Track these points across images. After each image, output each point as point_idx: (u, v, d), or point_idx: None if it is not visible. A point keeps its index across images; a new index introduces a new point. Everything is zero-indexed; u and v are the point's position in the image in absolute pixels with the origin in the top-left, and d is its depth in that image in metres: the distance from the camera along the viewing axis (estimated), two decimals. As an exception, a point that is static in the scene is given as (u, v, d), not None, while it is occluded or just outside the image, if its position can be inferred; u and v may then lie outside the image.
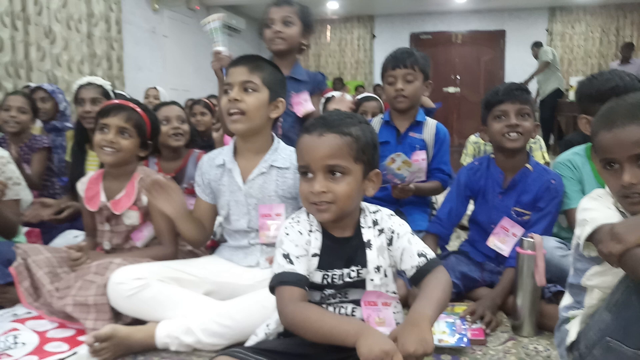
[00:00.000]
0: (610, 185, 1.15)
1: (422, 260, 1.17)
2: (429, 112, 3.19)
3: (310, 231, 1.20)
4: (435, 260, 1.19)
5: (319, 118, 1.21)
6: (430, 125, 2.27)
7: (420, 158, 2.17)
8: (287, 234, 1.18)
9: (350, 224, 1.21)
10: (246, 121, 1.61)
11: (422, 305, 1.05)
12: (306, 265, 1.16)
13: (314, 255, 1.18)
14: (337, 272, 1.18)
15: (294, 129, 2.18)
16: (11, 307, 1.73)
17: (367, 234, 1.20)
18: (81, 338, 1.52)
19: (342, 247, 1.19)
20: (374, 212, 1.24)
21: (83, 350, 1.43)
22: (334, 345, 1.12)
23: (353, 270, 1.18)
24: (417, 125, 2.25)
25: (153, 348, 1.46)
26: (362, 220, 1.22)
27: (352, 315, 1.20)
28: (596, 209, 1.15)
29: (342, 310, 1.20)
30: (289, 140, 1.82)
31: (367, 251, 1.18)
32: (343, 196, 1.13)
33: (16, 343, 1.49)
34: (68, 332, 1.58)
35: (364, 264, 1.18)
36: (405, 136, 2.25)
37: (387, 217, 1.23)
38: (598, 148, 1.15)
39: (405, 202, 2.20)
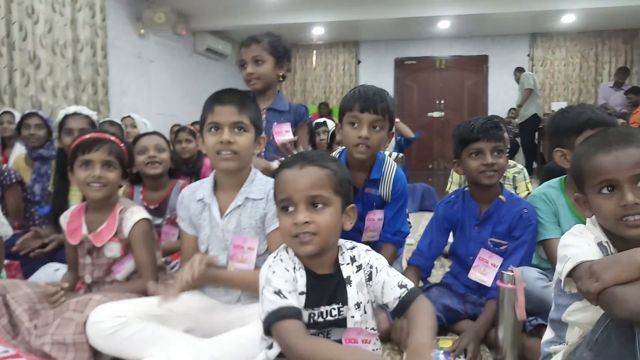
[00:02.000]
0: (605, 210, 1.14)
1: (404, 291, 1.20)
2: (408, 142, 3.22)
3: (295, 268, 1.19)
4: (416, 289, 1.23)
5: (296, 155, 1.25)
6: (388, 179, 1.98)
7: (376, 218, 1.99)
8: (274, 272, 1.18)
9: (330, 260, 1.22)
10: (238, 160, 1.62)
11: (419, 335, 1.09)
12: (297, 302, 1.16)
13: (301, 293, 1.18)
14: (323, 309, 1.18)
15: (276, 160, 2.20)
16: (-12, 345, 1.70)
17: (346, 270, 1.21)
18: (59, 378, 1.49)
19: (325, 284, 1.20)
20: (350, 249, 1.25)
21: (61, 391, 1.40)
22: None
23: (334, 308, 1.19)
24: (374, 182, 1.97)
25: (133, 388, 1.44)
26: (340, 257, 1.23)
27: None
28: (577, 245, 1.16)
29: None
30: None
31: (347, 288, 1.19)
32: (325, 227, 1.15)
33: (-8, 384, 1.46)
34: (46, 372, 1.55)
35: (344, 302, 1.19)
36: (363, 193, 1.98)
37: (364, 252, 1.25)
38: (593, 172, 1.15)
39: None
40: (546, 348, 1.33)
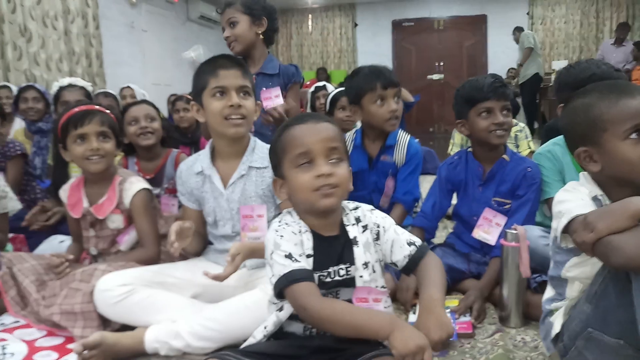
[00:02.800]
0: (633, 156, 1.11)
1: (413, 249, 1.19)
2: (407, 106, 3.18)
3: (300, 232, 1.17)
4: (425, 246, 1.22)
5: (306, 113, 1.23)
6: (402, 144, 2.12)
7: (392, 185, 2.10)
8: (282, 236, 1.15)
9: (335, 222, 1.20)
10: (246, 125, 1.62)
11: (431, 291, 1.09)
12: (307, 264, 1.14)
13: (309, 255, 1.16)
14: (331, 269, 1.17)
15: (266, 126, 2.18)
16: (-2, 316, 1.72)
17: (352, 231, 1.19)
18: (70, 346, 1.50)
19: (332, 245, 1.18)
20: (354, 209, 1.24)
21: (72, 358, 1.43)
22: (322, 346, 1.14)
23: (342, 269, 1.18)
24: (389, 148, 2.11)
25: (142, 353, 1.46)
26: (344, 218, 1.21)
27: None
28: (570, 201, 1.16)
29: None
30: (262, 137, 1.81)
31: (355, 248, 1.18)
32: (345, 180, 1.15)
33: (4, 354, 1.48)
34: (57, 340, 1.57)
35: (351, 262, 1.18)
36: (377, 161, 2.12)
37: (368, 212, 1.23)
38: (621, 117, 1.12)
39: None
40: (547, 305, 1.33)
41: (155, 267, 1.66)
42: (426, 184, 2.24)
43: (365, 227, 1.21)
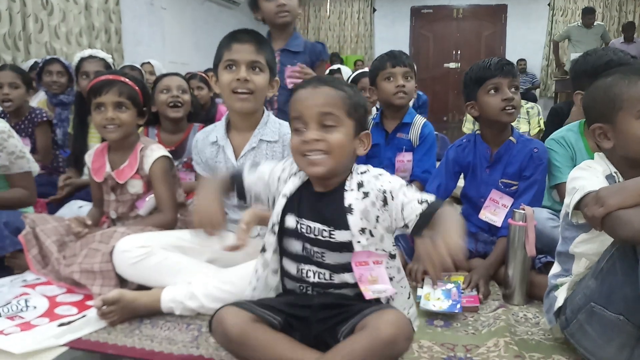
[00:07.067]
0: None
1: (425, 205, 1.11)
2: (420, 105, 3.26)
3: (293, 174, 1.22)
4: (438, 201, 1.14)
5: (314, 77, 1.24)
6: (417, 124, 2.27)
7: (405, 159, 2.24)
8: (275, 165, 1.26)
9: (335, 185, 1.18)
10: (253, 101, 1.64)
11: (447, 226, 1.01)
12: (254, 179, 1.25)
13: (284, 195, 1.19)
14: (309, 223, 1.17)
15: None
16: (21, 273, 1.80)
17: (349, 197, 1.15)
18: (90, 302, 1.58)
19: (319, 201, 1.18)
20: (361, 173, 1.19)
21: (92, 313, 1.49)
22: (325, 303, 1.18)
23: (325, 230, 1.15)
24: (405, 126, 2.28)
25: (158, 312, 1.52)
26: (347, 182, 1.17)
27: (331, 280, 1.18)
28: (585, 178, 1.20)
29: (320, 276, 1.19)
30: (284, 115, 1.85)
31: (349, 216, 1.13)
32: (337, 146, 1.12)
33: (27, 307, 1.55)
34: (76, 297, 1.64)
35: (338, 227, 1.15)
36: (393, 137, 2.29)
37: (374, 178, 1.17)
38: (634, 98, 1.16)
39: None
40: (553, 280, 1.38)
41: (173, 232, 1.72)
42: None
43: (366, 194, 1.15)
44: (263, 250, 1.23)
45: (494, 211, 1.86)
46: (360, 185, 1.16)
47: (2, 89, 2.64)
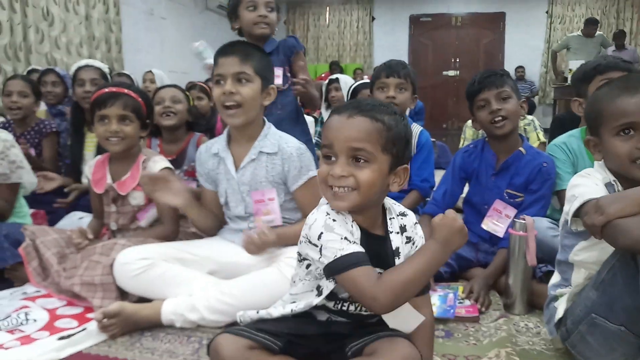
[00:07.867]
0: (621, 151, 1.16)
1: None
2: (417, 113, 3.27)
3: (346, 221, 1.07)
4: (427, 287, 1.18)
5: (353, 101, 1.15)
6: (414, 133, 2.25)
7: None
8: (334, 220, 1.05)
9: (376, 220, 1.12)
10: (243, 114, 1.64)
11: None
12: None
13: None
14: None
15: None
16: (21, 285, 1.79)
17: (395, 240, 1.11)
18: (90, 315, 1.57)
19: (377, 246, 1.10)
20: (401, 216, 1.15)
21: (92, 326, 1.49)
22: (337, 332, 1.16)
23: (380, 272, 1.05)
24: None
25: (159, 324, 1.52)
26: (389, 222, 1.12)
27: (369, 312, 1.13)
28: (584, 185, 1.20)
29: (358, 308, 1.14)
30: (294, 123, 1.85)
31: (397, 260, 1.10)
32: (366, 184, 1.03)
33: (27, 320, 1.55)
34: (77, 310, 1.64)
35: (386, 269, 1.06)
36: None
37: (414, 226, 1.16)
38: (615, 114, 1.17)
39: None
40: (553, 291, 1.37)
41: (174, 244, 1.72)
42: (438, 177, 2.29)
43: (409, 240, 1.13)
44: (319, 294, 1.11)
45: (496, 221, 1.86)
46: (403, 229, 1.14)
47: (11, 97, 2.68)
